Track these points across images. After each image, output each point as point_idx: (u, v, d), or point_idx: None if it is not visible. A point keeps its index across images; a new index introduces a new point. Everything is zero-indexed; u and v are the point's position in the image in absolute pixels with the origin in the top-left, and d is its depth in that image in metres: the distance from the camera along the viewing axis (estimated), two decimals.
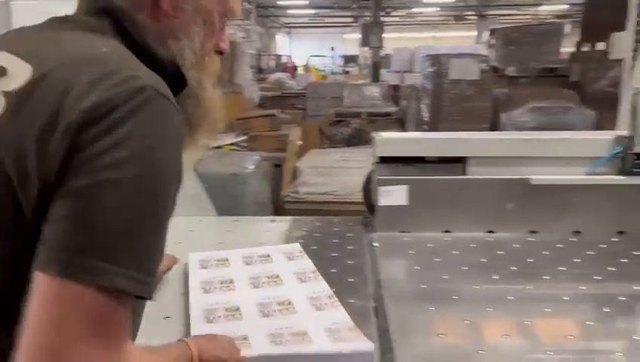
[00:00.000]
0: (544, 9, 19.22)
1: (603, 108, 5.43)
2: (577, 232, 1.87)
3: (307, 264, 1.50)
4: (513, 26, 7.90)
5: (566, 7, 17.03)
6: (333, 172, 3.35)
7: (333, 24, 26.37)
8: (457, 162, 1.91)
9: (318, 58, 26.52)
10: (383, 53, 14.54)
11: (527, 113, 6.22)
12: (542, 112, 6.24)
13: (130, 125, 0.67)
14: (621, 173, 1.85)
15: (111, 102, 0.67)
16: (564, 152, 1.90)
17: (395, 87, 9.02)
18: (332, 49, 27.74)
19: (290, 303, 1.27)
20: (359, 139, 6.59)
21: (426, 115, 6.75)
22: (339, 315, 1.21)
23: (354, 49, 23.21)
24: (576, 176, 1.87)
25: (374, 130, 4.76)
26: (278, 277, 1.42)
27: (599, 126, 5.67)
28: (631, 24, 2.17)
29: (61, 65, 0.73)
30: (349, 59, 25.05)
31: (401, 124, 7.52)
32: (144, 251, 0.68)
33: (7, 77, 0.74)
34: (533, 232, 1.87)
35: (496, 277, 1.51)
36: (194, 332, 1.14)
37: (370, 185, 1.99)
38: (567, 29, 8.75)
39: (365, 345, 1.09)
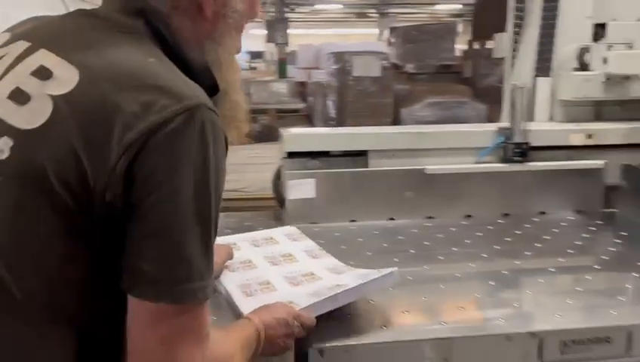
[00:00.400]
0: (440, 8, 20.27)
1: (493, 102, 5.89)
2: (468, 216, 2.06)
3: (310, 243, 1.62)
4: (411, 25, 8.29)
5: (459, 6, 18.10)
6: (243, 168, 3.37)
7: None
8: (360, 155, 2.03)
9: None
10: (289, 49, 14.62)
11: (425, 108, 6.60)
12: (439, 107, 6.65)
13: (190, 143, 0.70)
14: (503, 161, 2.06)
15: (170, 123, 0.69)
16: (455, 143, 2.08)
17: (302, 84, 9.15)
18: None
19: (312, 274, 1.38)
20: (268, 135, 6.64)
21: (332, 110, 6.93)
22: (360, 271, 1.36)
23: (260, 45, 23.15)
24: (465, 165, 2.05)
25: (283, 126, 4.82)
26: (291, 255, 1.52)
27: (490, 119, 6.13)
28: (509, 26, 2.40)
29: (109, 77, 0.73)
30: (256, 55, 24.91)
31: (308, 120, 7.66)
32: (212, 259, 0.76)
33: (54, 80, 0.73)
34: (429, 218, 2.03)
35: (396, 260, 1.63)
36: (242, 308, 1.19)
37: (280, 180, 2.05)
38: (460, 27, 9.33)
39: (389, 269, 1.25)
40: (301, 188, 1.95)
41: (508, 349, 1.21)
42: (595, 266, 1.65)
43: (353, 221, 2.00)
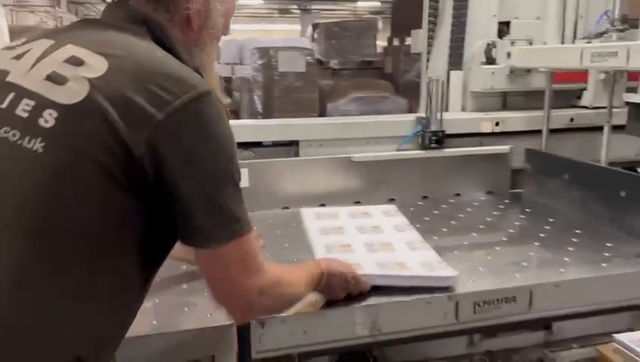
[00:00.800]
0: (361, 5, 20.71)
1: (412, 96, 6.17)
2: (392, 199, 2.21)
3: (402, 219, 1.87)
4: (333, 22, 8.44)
5: (379, 4, 18.59)
6: None
7: None
8: (291, 145, 2.12)
9: None
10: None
11: (350, 103, 6.77)
12: (362, 102, 6.85)
13: (210, 119, 0.87)
14: (422, 148, 2.24)
15: (191, 104, 0.85)
16: (378, 133, 2.22)
17: (227, 79, 9.07)
18: None
19: (390, 244, 1.62)
20: None
21: (259, 105, 6.96)
22: (429, 253, 1.55)
23: None
24: (388, 152, 2.20)
25: None
26: (379, 227, 1.78)
27: (411, 112, 6.41)
28: (424, 23, 2.58)
29: (134, 64, 0.87)
30: None
31: (236, 115, 7.63)
32: (243, 200, 0.94)
33: (86, 66, 0.85)
34: (357, 203, 2.16)
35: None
36: (318, 257, 1.47)
37: None
38: (380, 25, 9.62)
39: (450, 271, 1.41)
40: None
41: (429, 312, 1.35)
42: (503, 239, 1.85)
43: (286, 208, 2.09)
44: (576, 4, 2.41)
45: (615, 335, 2.75)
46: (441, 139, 2.21)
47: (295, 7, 22.71)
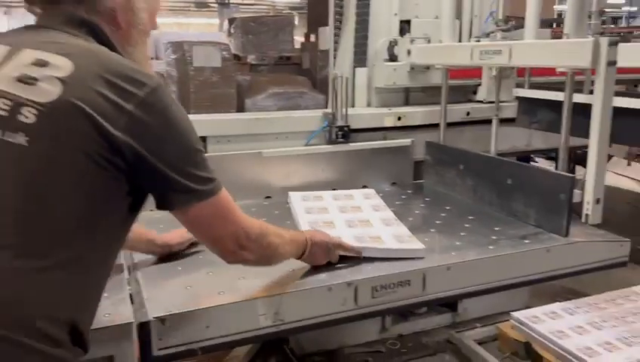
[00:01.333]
0: (278, 0, 20.70)
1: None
2: None
3: (380, 201, 2.09)
4: (250, 16, 8.37)
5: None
6: None
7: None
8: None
9: None
10: None
11: (268, 98, 6.77)
12: (281, 97, 6.87)
13: (167, 104, 0.99)
14: (329, 142, 2.31)
15: (152, 94, 0.96)
16: (287, 128, 2.27)
17: None
18: None
19: (368, 221, 1.86)
20: None
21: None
22: (402, 229, 1.79)
23: None
24: (297, 148, 2.25)
25: None
26: (359, 207, 2.00)
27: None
28: (330, 21, 2.65)
29: (95, 63, 0.95)
30: None
31: None
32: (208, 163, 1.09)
33: (53, 66, 0.93)
34: (267, 197, 2.20)
35: None
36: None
37: None
38: (297, 20, 9.66)
39: (418, 245, 1.64)
40: None
41: (329, 299, 1.41)
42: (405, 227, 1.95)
43: None
44: (471, 4, 2.57)
45: (512, 313, 2.98)
46: (347, 133, 2.29)
47: (213, 0, 22.30)
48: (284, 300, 1.36)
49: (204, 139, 2.11)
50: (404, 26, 2.65)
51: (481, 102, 2.66)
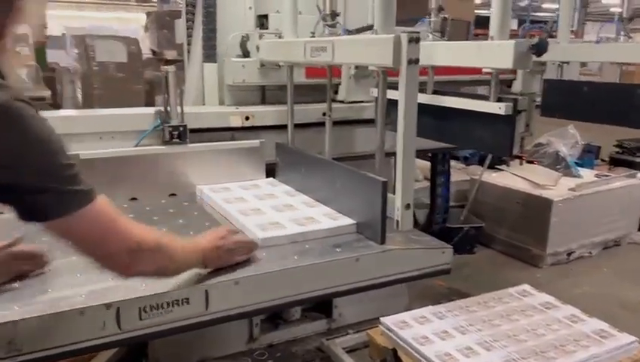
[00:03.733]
0: None
1: None
2: (134, 198, 2.08)
3: (287, 187, 2.14)
4: (165, 10, 8.10)
5: None
6: None
7: None
8: None
9: None
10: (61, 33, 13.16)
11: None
12: None
13: (19, 119, 1.00)
14: (163, 142, 2.13)
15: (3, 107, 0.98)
16: (113, 127, 2.08)
17: (52, 70, 8.32)
18: None
19: (291, 205, 1.92)
20: None
21: (79, 97, 6.46)
22: (325, 209, 1.87)
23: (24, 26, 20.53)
24: (123, 148, 2.07)
25: None
26: (272, 194, 2.06)
27: None
28: (183, 12, 2.48)
29: None
30: (17, 38, 22.11)
31: (56, 108, 7.02)
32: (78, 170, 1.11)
33: None
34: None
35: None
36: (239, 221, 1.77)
37: None
38: None
39: (349, 220, 1.74)
40: None
41: (83, 323, 1.25)
42: None
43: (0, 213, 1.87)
44: None
45: (381, 318, 2.89)
46: (182, 133, 2.12)
47: None
48: (20, 327, 1.18)
49: None
50: (263, 21, 2.51)
51: (342, 102, 2.55)
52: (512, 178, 4.33)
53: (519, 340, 2.57)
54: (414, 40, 1.44)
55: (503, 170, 4.50)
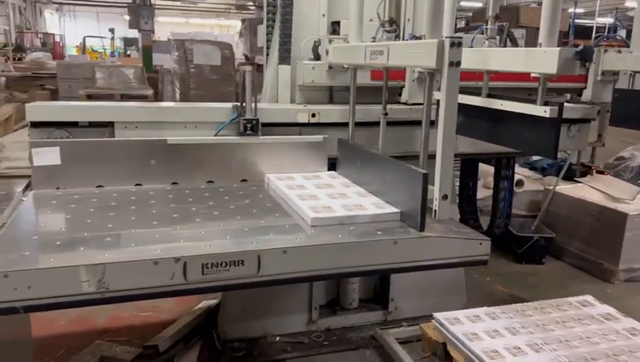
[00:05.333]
0: None
1: None
2: (210, 181, 2.37)
3: (345, 180, 2.34)
4: (259, 18, 8.59)
5: None
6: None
7: (110, 3, 25.06)
8: (106, 126, 2.26)
9: (97, 39, 24.95)
10: (167, 38, 14.30)
11: None
12: None
13: None
14: (239, 134, 2.41)
15: None
16: (195, 118, 2.38)
17: (156, 71, 9.12)
18: (111, 30, 26.25)
19: (345, 194, 2.12)
20: None
21: (177, 96, 7.05)
22: (375, 199, 2.04)
23: (136, 32, 22.43)
24: (204, 137, 2.36)
25: None
26: (330, 184, 2.28)
27: None
28: (264, 19, 2.76)
29: None
30: (130, 42, 24.09)
31: None
32: None
33: None
34: (174, 183, 2.31)
35: (133, 219, 1.89)
36: (303, 208, 1.92)
37: None
38: None
39: (393, 209, 1.90)
40: (46, 156, 2.14)
41: (156, 272, 1.51)
42: None
43: (100, 186, 2.22)
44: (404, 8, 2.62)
45: (435, 314, 3.01)
46: (255, 126, 2.38)
47: (250, 3, 22.69)
48: (108, 269, 1.47)
49: (111, 124, 2.25)
50: (336, 27, 2.73)
51: (404, 103, 2.70)
52: (588, 190, 4.23)
53: (571, 346, 2.59)
54: (456, 44, 1.58)
55: (579, 181, 4.40)
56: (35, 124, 2.16)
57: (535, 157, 5.22)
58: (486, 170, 4.12)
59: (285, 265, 1.63)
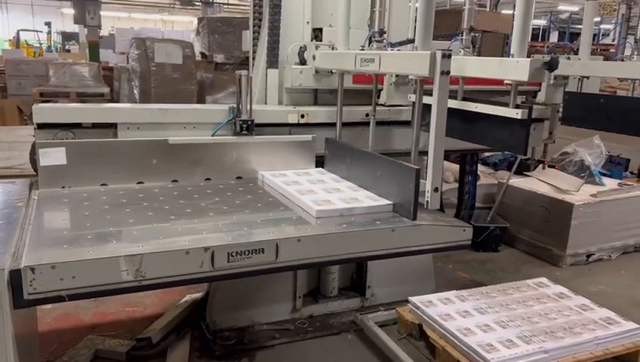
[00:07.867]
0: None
1: None
2: (208, 179, 2.51)
3: (334, 176, 2.51)
4: (217, 17, 8.65)
5: None
6: (20, 147, 3.47)
7: None
8: (109, 127, 2.36)
9: (32, 33, 23.83)
10: (109, 32, 13.95)
11: (228, 96, 7.05)
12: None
13: None
14: (234, 134, 2.56)
15: None
16: (194, 119, 2.52)
17: (110, 69, 8.98)
18: (48, 24, 25.19)
19: (339, 189, 2.28)
20: None
21: (137, 95, 7.02)
22: (367, 192, 2.22)
23: (75, 26, 21.63)
24: (202, 137, 2.50)
25: None
26: (322, 180, 2.44)
27: None
28: (250, 25, 2.92)
29: None
30: (69, 37, 23.22)
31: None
32: None
33: None
34: (174, 181, 2.44)
35: (150, 213, 2.02)
36: (303, 199, 2.14)
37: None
38: None
39: (387, 201, 2.11)
40: (53, 156, 2.22)
41: (187, 261, 1.67)
42: None
43: (104, 184, 2.32)
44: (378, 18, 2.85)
45: (410, 297, 3.28)
46: (250, 126, 2.54)
47: None
48: (145, 259, 1.61)
49: (114, 125, 2.36)
50: (318, 34, 2.92)
51: (382, 105, 2.93)
52: (537, 183, 4.63)
53: (532, 322, 2.92)
54: (447, 56, 1.82)
55: (529, 175, 4.80)
56: (41, 126, 2.23)
57: (487, 153, 5.61)
58: (445, 167, 4.44)
59: (300, 252, 1.82)
